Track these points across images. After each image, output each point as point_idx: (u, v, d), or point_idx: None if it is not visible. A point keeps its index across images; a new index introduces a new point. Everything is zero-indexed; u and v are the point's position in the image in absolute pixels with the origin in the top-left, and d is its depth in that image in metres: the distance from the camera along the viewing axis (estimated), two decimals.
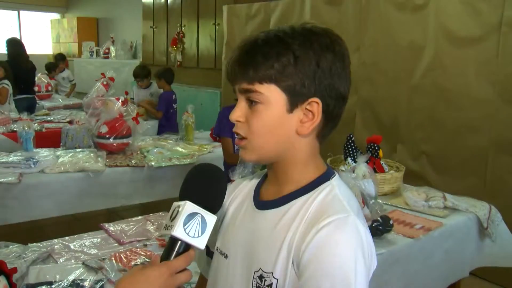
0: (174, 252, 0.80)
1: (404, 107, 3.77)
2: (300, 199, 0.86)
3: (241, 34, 5.48)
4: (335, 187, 0.86)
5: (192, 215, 0.79)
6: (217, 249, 0.98)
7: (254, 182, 0.98)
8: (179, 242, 0.79)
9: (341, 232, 0.78)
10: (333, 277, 0.75)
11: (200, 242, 0.79)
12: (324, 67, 0.82)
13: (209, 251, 1.04)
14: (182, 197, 0.83)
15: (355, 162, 2.44)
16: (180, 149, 3.51)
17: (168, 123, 4.87)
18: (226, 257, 0.94)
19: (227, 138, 3.13)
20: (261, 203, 0.92)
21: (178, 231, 0.78)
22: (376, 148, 2.59)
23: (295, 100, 0.83)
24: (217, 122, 3.25)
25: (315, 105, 0.83)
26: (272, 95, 0.83)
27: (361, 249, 0.78)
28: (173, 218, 0.80)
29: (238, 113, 0.86)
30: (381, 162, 2.62)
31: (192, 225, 0.79)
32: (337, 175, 0.90)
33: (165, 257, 0.80)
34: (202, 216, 0.80)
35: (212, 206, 0.84)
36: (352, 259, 0.76)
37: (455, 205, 2.35)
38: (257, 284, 0.85)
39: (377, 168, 2.54)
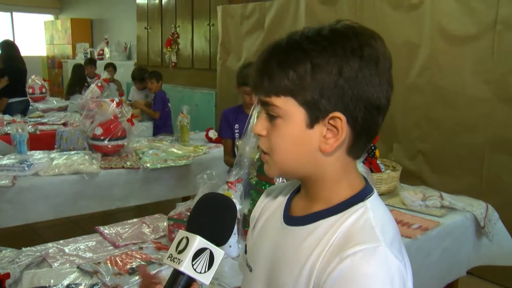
0: (179, 287, 0.77)
1: (400, 106, 3.76)
2: (329, 220, 0.77)
3: (236, 35, 5.47)
4: (369, 210, 0.76)
5: (201, 251, 0.76)
6: (245, 260, 0.94)
7: (287, 192, 0.91)
8: (184, 275, 0.76)
9: (368, 264, 0.69)
10: None
11: (206, 278, 0.76)
12: (347, 76, 0.72)
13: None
14: (190, 229, 0.79)
15: None
16: (175, 150, 3.50)
17: (163, 124, 4.86)
18: (251, 270, 0.90)
19: (226, 139, 3.13)
20: (290, 218, 0.85)
21: (186, 267, 0.75)
22: (372, 148, 2.59)
23: (314, 115, 0.74)
24: (219, 123, 3.27)
25: (339, 121, 0.74)
26: (290, 109, 0.75)
27: (391, 285, 0.69)
28: (180, 251, 0.76)
29: (259, 127, 0.80)
30: (378, 162, 2.61)
31: (200, 261, 0.76)
32: (375, 195, 0.80)
33: None
34: (211, 252, 0.77)
35: (222, 241, 0.80)
36: None
37: (452, 204, 2.35)
38: None
39: (373, 168, 2.53)
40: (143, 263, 1.75)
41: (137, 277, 1.64)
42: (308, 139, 0.76)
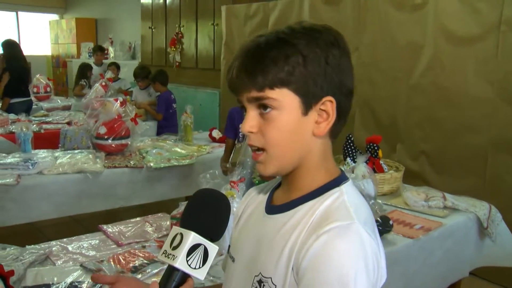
0: (174, 282, 0.78)
1: (403, 106, 3.76)
2: (307, 205, 0.82)
3: (240, 34, 5.47)
4: (344, 194, 0.82)
5: (195, 247, 0.77)
6: (228, 252, 0.97)
7: (269, 188, 0.96)
8: (178, 271, 0.77)
9: (341, 240, 0.73)
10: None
11: (201, 273, 0.77)
12: (333, 64, 0.80)
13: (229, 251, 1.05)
14: (184, 225, 0.80)
15: (355, 162, 2.43)
16: (179, 150, 3.51)
17: (167, 124, 4.86)
18: (233, 260, 0.93)
19: (228, 138, 3.14)
20: (271, 207, 0.90)
21: (181, 263, 0.76)
22: (376, 148, 2.59)
23: (309, 101, 0.80)
24: (226, 120, 3.30)
25: (329, 104, 0.81)
26: (285, 100, 0.79)
27: (364, 260, 0.73)
28: (174, 247, 0.77)
29: (250, 124, 0.82)
30: (381, 162, 2.61)
31: (194, 256, 0.77)
32: (349, 182, 0.86)
33: (164, 285, 0.78)
34: (205, 247, 0.78)
35: (216, 236, 0.81)
36: (352, 270, 0.71)
37: (455, 205, 2.34)
38: None
39: (376, 168, 2.53)
40: (146, 261, 1.76)
41: (140, 276, 1.65)
42: (304, 126, 0.81)
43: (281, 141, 0.81)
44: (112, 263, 1.74)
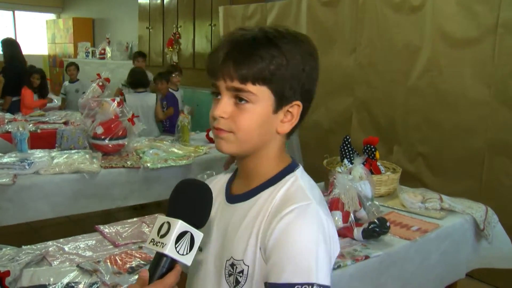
0: (164, 269, 0.81)
1: (400, 108, 3.77)
2: (267, 191, 0.91)
3: None
4: (299, 178, 0.91)
5: (182, 234, 0.81)
6: None
7: (225, 178, 1.04)
8: (167, 258, 0.81)
9: (302, 218, 0.83)
10: (295, 261, 0.80)
11: (188, 259, 0.82)
12: (308, 73, 0.88)
13: None
14: (171, 214, 0.83)
15: (352, 163, 2.43)
16: (176, 150, 3.50)
17: (172, 123, 4.82)
18: (200, 250, 0.97)
19: None
20: (232, 197, 0.98)
21: (170, 250, 0.80)
22: (373, 149, 2.59)
23: (281, 102, 0.88)
24: None
25: (296, 108, 0.90)
26: (262, 96, 0.86)
27: (322, 234, 0.83)
28: (162, 235, 0.81)
29: (223, 109, 0.88)
30: (378, 163, 2.61)
31: (182, 243, 0.81)
32: (300, 168, 0.95)
33: (153, 272, 0.82)
34: (191, 234, 0.82)
35: (201, 223, 0.86)
36: (313, 243, 0.81)
37: (452, 206, 2.35)
38: (229, 272, 0.90)
39: (373, 170, 2.54)
40: (142, 262, 1.76)
41: (136, 276, 1.64)
42: (271, 122, 0.90)
43: (250, 130, 0.88)
44: (108, 263, 1.74)
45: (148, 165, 3.14)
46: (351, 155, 2.59)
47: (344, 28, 4.12)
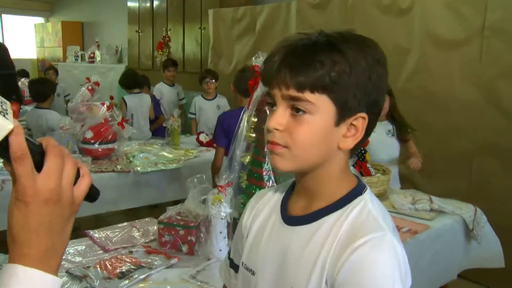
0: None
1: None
2: (333, 215, 0.81)
3: (227, 38, 5.47)
4: (368, 202, 0.81)
5: None
6: (242, 264, 0.93)
7: (280, 194, 0.93)
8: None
9: (378, 251, 0.74)
10: None
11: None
12: (374, 82, 0.78)
13: (232, 263, 1.01)
14: None
15: None
16: (166, 154, 3.49)
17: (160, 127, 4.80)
18: (253, 273, 0.90)
19: (219, 147, 2.97)
20: (290, 218, 0.86)
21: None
22: (363, 151, 2.60)
23: (343, 114, 0.78)
24: (216, 127, 3.09)
25: (361, 120, 0.79)
26: (322, 106, 0.77)
27: (398, 268, 0.75)
28: None
29: (278, 121, 0.78)
30: (368, 165, 2.62)
31: None
32: (369, 189, 0.85)
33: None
34: None
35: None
36: (390, 280, 0.73)
37: (442, 207, 2.36)
38: None
39: (363, 172, 2.55)
40: (133, 267, 1.75)
41: (127, 281, 1.63)
42: (332, 136, 0.79)
43: (308, 145, 0.79)
44: (98, 269, 1.72)
45: (138, 169, 3.13)
46: None
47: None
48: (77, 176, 0.65)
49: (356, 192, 0.83)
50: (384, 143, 2.96)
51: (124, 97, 4.62)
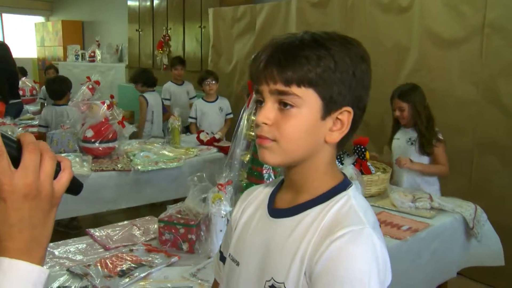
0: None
1: (390, 108, 3.78)
2: (316, 209, 0.83)
3: (227, 37, 5.47)
4: (352, 197, 0.83)
5: None
6: (229, 255, 0.96)
7: (269, 189, 0.95)
8: None
9: (355, 244, 0.75)
10: None
11: None
12: (358, 77, 0.81)
13: (222, 256, 1.02)
14: None
15: (342, 164, 2.44)
16: (166, 153, 3.49)
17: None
18: (237, 264, 0.92)
19: None
20: (276, 211, 0.89)
21: None
22: (363, 150, 2.60)
23: (329, 108, 0.81)
24: None
25: (346, 115, 0.82)
26: (308, 100, 0.80)
27: (376, 263, 0.76)
28: None
29: (267, 115, 0.81)
30: (368, 163, 2.63)
31: None
32: (353, 186, 0.87)
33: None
34: None
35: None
36: (366, 273, 0.74)
37: (442, 205, 2.37)
38: None
39: (363, 170, 2.55)
40: (133, 265, 1.75)
41: (127, 280, 1.64)
42: (319, 129, 0.82)
43: (295, 137, 0.81)
44: (99, 267, 1.73)
45: (139, 167, 3.13)
46: (341, 156, 2.59)
47: (333, 29, 4.12)
48: (59, 170, 0.67)
49: (341, 187, 0.85)
50: (403, 150, 2.95)
51: (145, 95, 4.62)
